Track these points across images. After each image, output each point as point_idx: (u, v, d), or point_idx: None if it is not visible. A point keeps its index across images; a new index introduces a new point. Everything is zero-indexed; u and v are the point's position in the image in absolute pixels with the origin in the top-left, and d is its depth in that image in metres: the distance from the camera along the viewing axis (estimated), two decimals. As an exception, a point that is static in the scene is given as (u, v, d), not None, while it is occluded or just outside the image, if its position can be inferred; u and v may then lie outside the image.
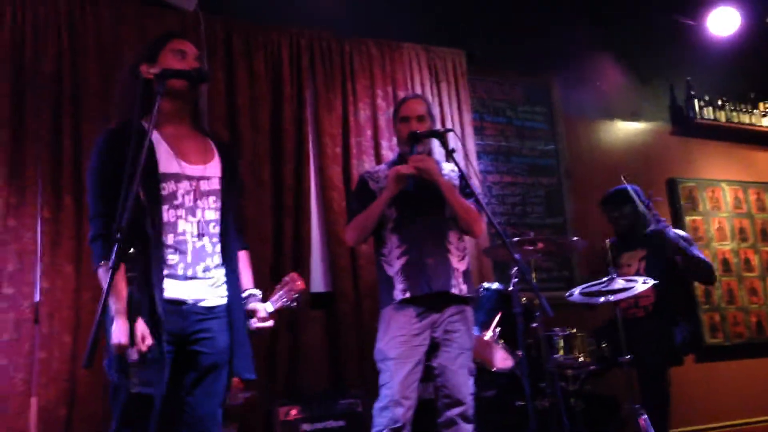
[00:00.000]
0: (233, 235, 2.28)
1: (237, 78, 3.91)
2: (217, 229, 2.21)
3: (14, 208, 3.32)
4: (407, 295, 2.86)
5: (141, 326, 1.98)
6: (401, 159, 3.04)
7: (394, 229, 2.95)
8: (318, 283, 4.04)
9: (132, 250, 1.76)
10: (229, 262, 2.24)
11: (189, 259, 2.13)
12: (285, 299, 2.60)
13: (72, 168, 3.42)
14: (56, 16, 3.54)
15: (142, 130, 1.99)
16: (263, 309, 2.39)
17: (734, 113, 5.79)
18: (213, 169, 2.25)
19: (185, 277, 2.13)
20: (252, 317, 2.36)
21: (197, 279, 2.15)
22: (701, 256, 3.93)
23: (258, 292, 2.42)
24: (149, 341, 1.98)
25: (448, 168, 3.11)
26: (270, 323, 2.40)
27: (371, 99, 4.28)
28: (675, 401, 3.78)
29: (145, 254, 2.04)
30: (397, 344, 2.81)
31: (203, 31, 3.85)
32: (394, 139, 4.12)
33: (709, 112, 5.66)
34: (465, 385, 2.84)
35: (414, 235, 2.92)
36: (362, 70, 4.30)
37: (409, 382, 2.77)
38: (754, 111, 5.90)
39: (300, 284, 2.63)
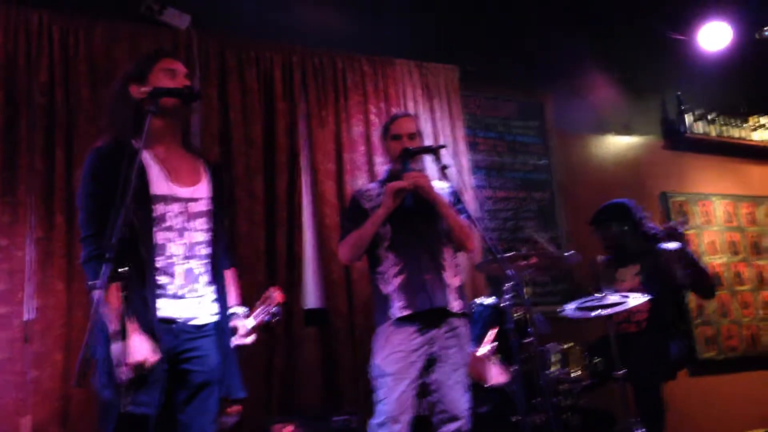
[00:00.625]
0: (221, 254, 2.28)
1: (230, 94, 3.92)
2: (207, 251, 2.21)
3: (6, 226, 3.31)
4: (407, 312, 2.84)
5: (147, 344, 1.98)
6: (392, 176, 3.05)
7: (390, 247, 2.95)
8: (312, 299, 4.03)
9: (124, 269, 1.75)
10: (218, 280, 2.25)
11: (177, 281, 2.13)
12: (264, 314, 2.63)
13: (64, 187, 3.41)
14: (49, 34, 3.55)
15: (134, 151, 1.99)
16: (243, 326, 2.42)
17: (725, 127, 5.84)
18: (202, 190, 2.25)
19: (175, 297, 2.13)
20: (234, 334, 2.37)
21: (186, 298, 2.15)
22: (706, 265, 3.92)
23: (241, 310, 2.44)
24: (158, 356, 1.98)
25: (438, 185, 3.12)
26: (251, 339, 2.44)
27: (364, 115, 4.29)
28: (670, 415, 3.77)
29: (139, 275, 2.04)
30: (394, 360, 2.80)
31: (196, 48, 3.86)
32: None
33: (700, 127, 5.70)
34: (461, 401, 2.83)
35: (410, 253, 2.92)
36: (355, 87, 4.32)
37: (406, 398, 2.76)
38: (745, 125, 5.95)
39: (278, 297, 2.67)
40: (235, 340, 2.36)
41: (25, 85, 3.46)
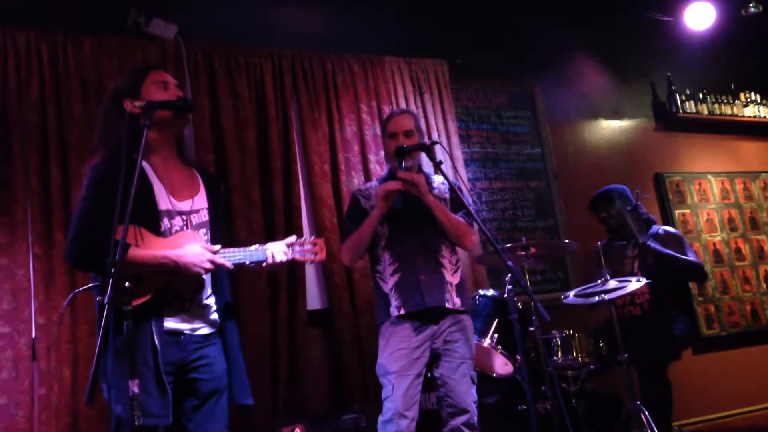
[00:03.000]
0: None
1: (221, 102, 3.92)
2: None
3: (5, 246, 3.32)
4: (402, 311, 2.89)
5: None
6: (392, 174, 3.07)
7: (386, 246, 2.98)
8: (314, 300, 4.05)
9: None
10: (219, 288, 2.27)
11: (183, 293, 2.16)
12: (301, 253, 2.39)
13: (61, 204, 3.42)
14: (38, 52, 3.56)
15: (134, 166, 2.00)
16: (279, 251, 2.29)
17: (716, 105, 5.86)
18: (200, 201, 2.28)
19: (181, 309, 2.15)
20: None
21: (191, 309, 2.17)
22: (689, 258, 3.94)
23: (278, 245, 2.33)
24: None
25: (438, 180, 3.13)
26: (280, 259, 2.28)
27: (356, 114, 4.30)
28: (675, 394, 3.80)
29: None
30: (397, 358, 2.83)
31: (185, 58, 3.87)
32: (382, 153, 4.16)
33: (691, 106, 5.72)
34: (468, 394, 2.86)
35: (406, 252, 2.94)
36: (345, 87, 4.33)
37: (411, 394, 2.79)
38: (736, 102, 5.97)
39: (322, 256, 2.49)
40: (268, 259, 2.26)
41: (17, 105, 3.47)
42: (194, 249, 2.12)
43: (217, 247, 2.19)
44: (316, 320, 4.00)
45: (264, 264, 2.27)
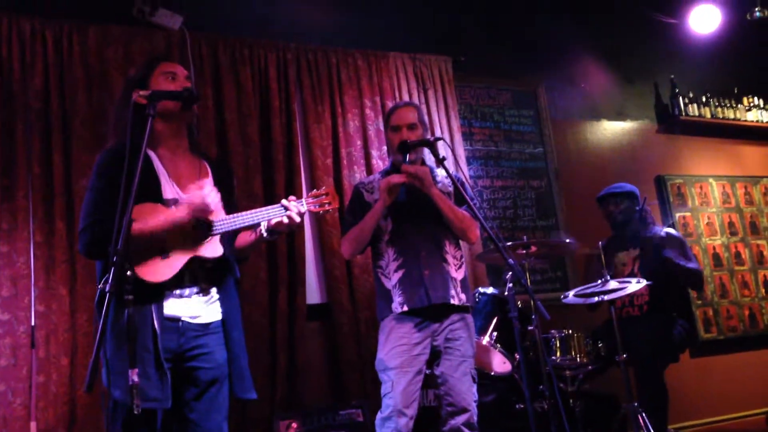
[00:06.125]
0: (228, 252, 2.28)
1: (225, 93, 3.92)
2: None
3: (6, 233, 3.31)
4: (405, 308, 2.85)
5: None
6: (394, 168, 3.05)
7: (390, 241, 2.95)
8: (314, 294, 4.04)
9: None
10: (222, 280, 2.27)
11: (184, 280, 2.16)
12: (316, 205, 2.48)
13: (63, 192, 3.41)
14: (43, 40, 3.55)
15: (138, 154, 2.00)
16: (295, 206, 2.32)
17: (719, 109, 5.85)
18: (207, 192, 2.26)
19: (180, 296, 2.15)
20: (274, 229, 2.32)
21: (191, 297, 2.17)
22: (689, 265, 3.95)
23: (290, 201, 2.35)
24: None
25: (442, 174, 3.09)
26: (297, 218, 2.32)
27: (360, 109, 4.30)
28: (672, 397, 3.80)
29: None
30: (397, 354, 2.81)
31: (189, 48, 3.86)
32: (384, 149, 4.16)
33: (693, 109, 5.71)
34: (468, 393, 2.83)
35: (410, 247, 2.91)
36: (349, 81, 4.32)
37: (411, 391, 2.77)
38: (739, 106, 5.96)
39: (335, 204, 2.50)
40: (284, 218, 2.29)
41: (21, 92, 3.46)
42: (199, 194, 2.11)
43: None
44: (316, 314, 3.99)
45: (284, 221, 2.27)
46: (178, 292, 2.14)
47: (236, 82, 3.97)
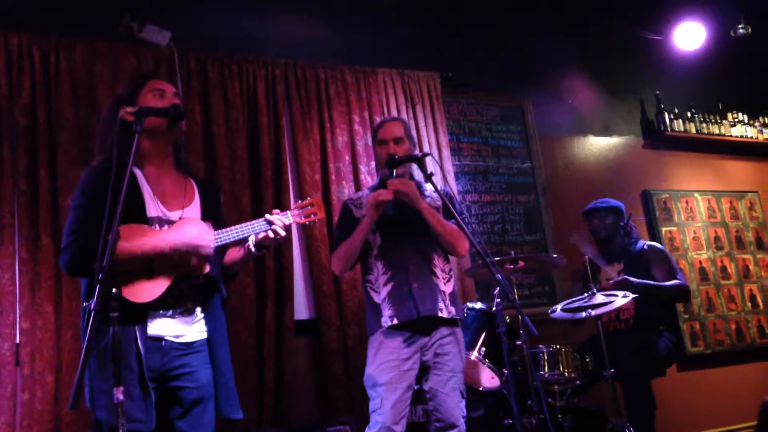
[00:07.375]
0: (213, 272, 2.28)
1: (213, 109, 3.92)
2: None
3: (-9, 249, 3.29)
4: (395, 321, 2.84)
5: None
6: (382, 183, 3.04)
7: (379, 255, 2.95)
8: (302, 310, 4.03)
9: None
10: (207, 298, 2.26)
11: (168, 299, 2.15)
12: (302, 217, 2.46)
13: (48, 208, 3.39)
14: (30, 56, 3.53)
15: (124, 171, 2.00)
16: (279, 219, 2.32)
17: (704, 124, 5.91)
18: (192, 211, 2.26)
19: (164, 315, 2.14)
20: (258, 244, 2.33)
21: (175, 317, 2.16)
22: (673, 283, 3.98)
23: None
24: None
25: (430, 188, 3.09)
26: (283, 232, 2.31)
27: (348, 125, 4.31)
28: (659, 411, 3.81)
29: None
30: (386, 369, 2.79)
31: (177, 64, 3.86)
32: (373, 164, 4.17)
33: (679, 125, 5.77)
34: (457, 408, 2.82)
35: (399, 261, 2.91)
36: (338, 97, 4.34)
37: (401, 408, 2.75)
38: (723, 121, 6.03)
39: (319, 212, 2.50)
40: (270, 232, 2.29)
41: (7, 108, 3.44)
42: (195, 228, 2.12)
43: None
44: (304, 330, 3.98)
45: (270, 235, 2.28)
46: (162, 311, 2.13)
47: (224, 98, 3.97)
